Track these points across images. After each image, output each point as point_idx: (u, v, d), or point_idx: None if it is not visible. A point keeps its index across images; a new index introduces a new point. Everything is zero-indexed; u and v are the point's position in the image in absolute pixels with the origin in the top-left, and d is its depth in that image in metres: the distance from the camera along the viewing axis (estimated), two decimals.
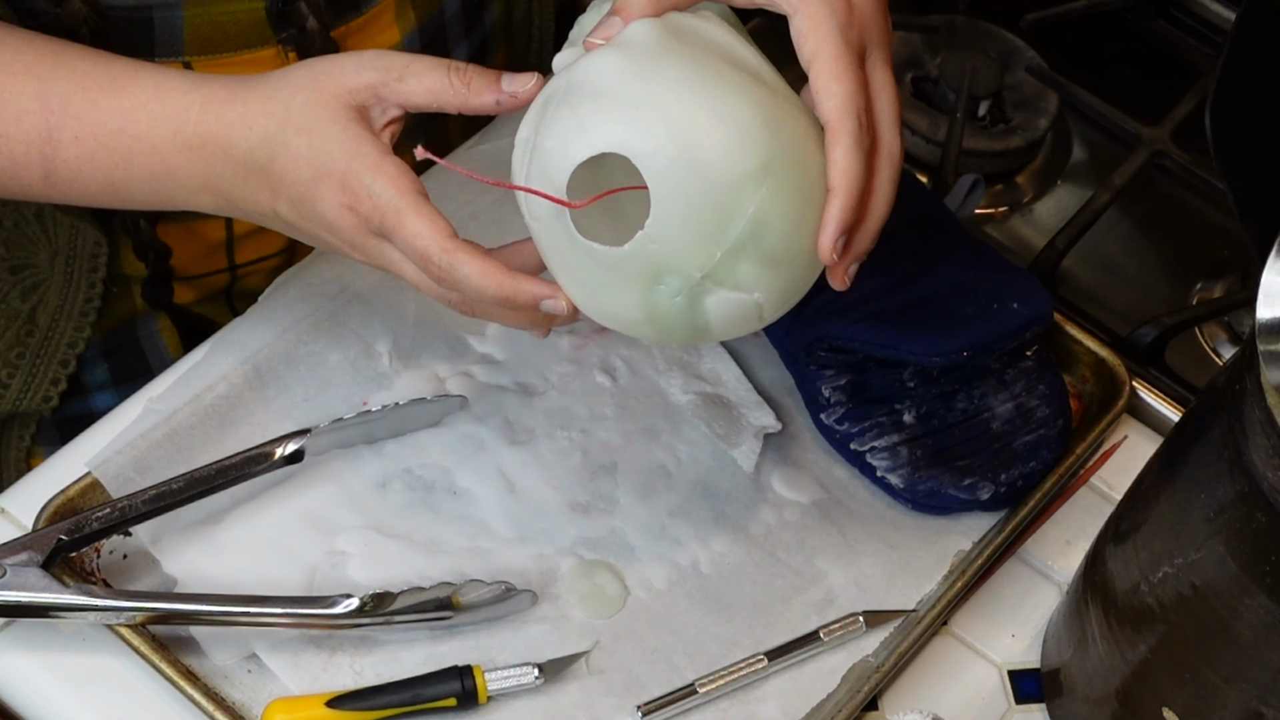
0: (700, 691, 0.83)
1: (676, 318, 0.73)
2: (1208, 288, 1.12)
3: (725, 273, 0.71)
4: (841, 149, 0.72)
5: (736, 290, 0.72)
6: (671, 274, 0.71)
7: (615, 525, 0.89)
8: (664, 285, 0.72)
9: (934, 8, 1.21)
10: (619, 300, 0.73)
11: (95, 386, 0.99)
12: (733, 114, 0.71)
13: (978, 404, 0.93)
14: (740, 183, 0.70)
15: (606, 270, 0.72)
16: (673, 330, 0.74)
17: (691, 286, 0.71)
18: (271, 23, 0.86)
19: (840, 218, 0.72)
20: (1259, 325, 0.65)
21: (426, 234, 0.72)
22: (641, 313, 0.73)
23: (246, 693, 0.82)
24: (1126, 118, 1.14)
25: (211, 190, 0.79)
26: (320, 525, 0.87)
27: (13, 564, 0.80)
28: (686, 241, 0.70)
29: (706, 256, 0.71)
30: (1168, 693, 0.76)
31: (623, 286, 0.72)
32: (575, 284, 0.74)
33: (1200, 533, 0.71)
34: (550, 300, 0.73)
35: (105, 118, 0.78)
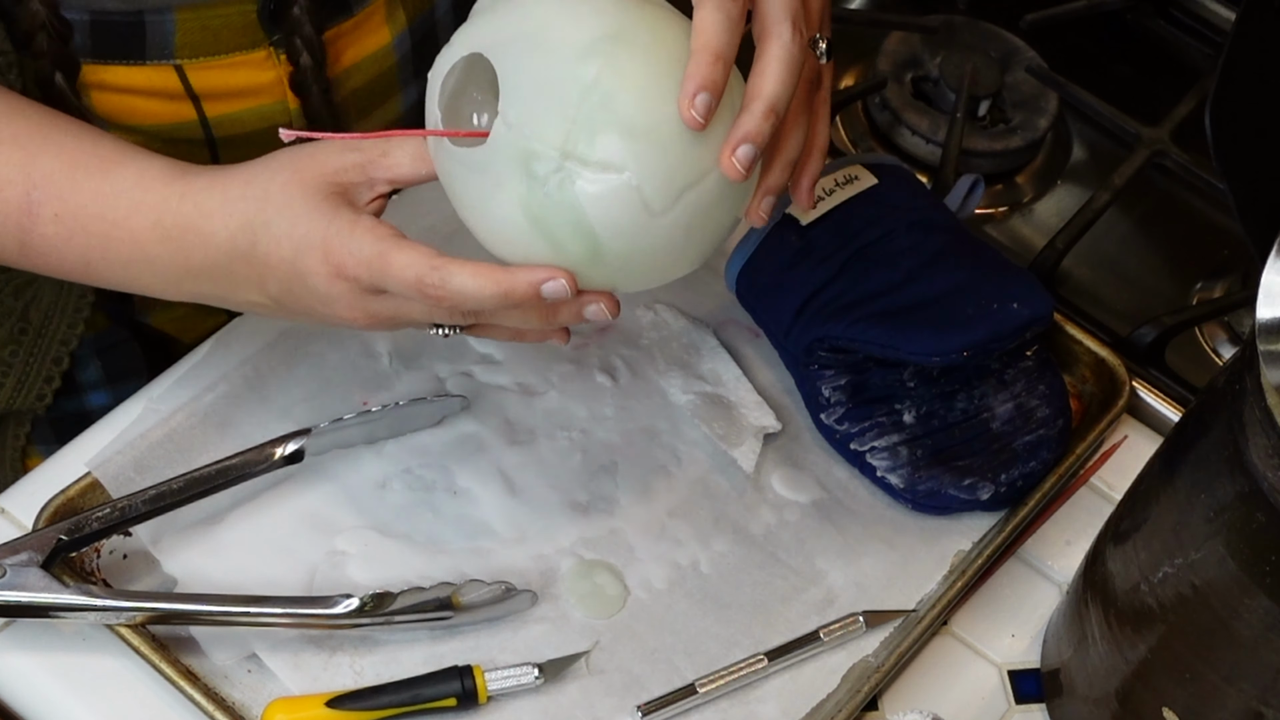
0: (700, 691, 0.83)
1: (554, 211, 0.69)
2: (1208, 288, 1.12)
3: (585, 146, 0.68)
4: (703, 10, 0.69)
5: (605, 171, 0.69)
6: (536, 159, 0.69)
7: (615, 525, 0.89)
8: (533, 177, 0.69)
9: (934, 8, 1.21)
10: (503, 210, 0.70)
11: (89, 385, 0.99)
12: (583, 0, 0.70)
13: (978, 404, 0.93)
14: (584, 50, 0.69)
15: (483, 176, 0.70)
16: (558, 232, 0.70)
17: (558, 169, 0.69)
18: (263, 25, 0.86)
19: (695, 74, 0.68)
20: (1259, 325, 0.65)
21: (413, 261, 0.72)
22: (523, 215, 0.70)
23: (246, 693, 0.82)
24: (1126, 118, 1.14)
25: (193, 279, 0.78)
26: (320, 525, 0.87)
27: (13, 564, 0.80)
28: (542, 120, 0.69)
29: (561, 132, 0.68)
30: (1168, 693, 0.76)
31: (501, 190, 0.70)
32: (471, 213, 0.72)
33: (1200, 533, 0.71)
34: (550, 281, 0.71)
35: (86, 200, 0.77)
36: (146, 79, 0.86)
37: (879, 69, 1.16)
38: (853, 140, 1.16)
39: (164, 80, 0.86)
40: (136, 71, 0.85)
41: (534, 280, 0.71)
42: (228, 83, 0.87)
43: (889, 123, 1.14)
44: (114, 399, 0.97)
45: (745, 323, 0.98)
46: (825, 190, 0.95)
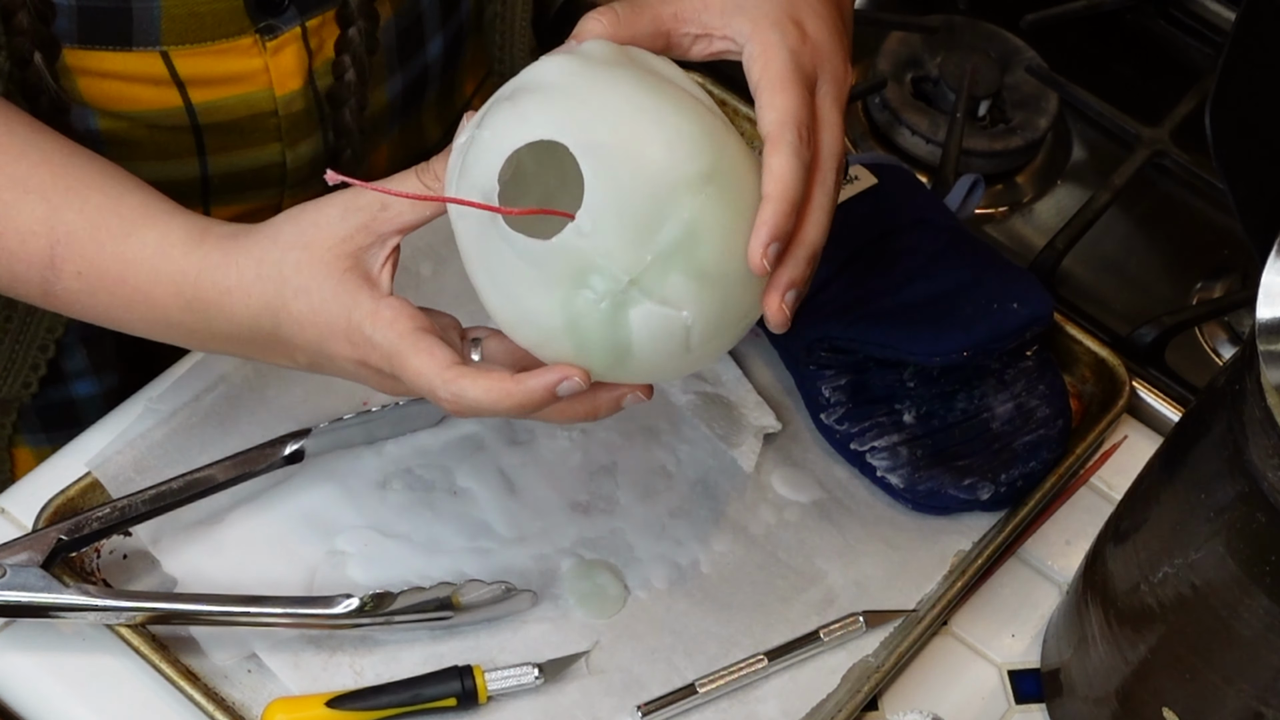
0: (700, 691, 0.83)
1: (597, 327, 0.69)
2: (1208, 288, 1.12)
3: (654, 280, 0.68)
4: (779, 157, 0.71)
5: (664, 304, 0.69)
6: (598, 275, 0.68)
7: (615, 525, 0.89)
8: (588, 289, 0.68)
9: (934, 8, 1.21)
10: (539, 304, 0.69)
11: (75, 373, 0.98)
12: (677, 122, 0.70)
13: (978, 404, 0.93)
14: (679, 186, 0.68)
15: (530, 266, 0.68)
16: (591, 343, 0.69)
17: (617, 292, 0.68)
18: (249, 12, 0.86)
19: (773, 222, 0.69)
20: (1259, 325, 0.65)
21: (426, 370, 0.71)
22: (561, 318, 0.69)
23: (246, 693, 0.82)
24: (1126, 118, 1.14)
25: (221, 343, 0.78)
26: (320, 525, 0.87)
27: (13, 564, 0.80)
28: (617, 240, 0.67)
29: (636, 259, 0.68)
30: (1168, 693, 0.76)
31: (545, 287, 0.69)
32: (496, 289, 0.71)
33: (1200, 533, 0.71)
34: (566, 381, 0.71)
35: (108, 264, 0.77)
36: (133, 65, 0.86)
37: (879, 69, 1.16)
38: (853, 140, 1.16)
39: (150, 66, 0.86)
40: (123, 57, 0.85)
41: (548, 384, 0.71)
42: (214, 70, 0.87)
43: (889, 123, 1.14)
44: (100, 387, 0.98)
45: None
46: None
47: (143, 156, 0.88)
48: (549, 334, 0.70)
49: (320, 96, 0.92)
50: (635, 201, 0.68)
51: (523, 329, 0.71)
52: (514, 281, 0.70)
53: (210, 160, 0.91)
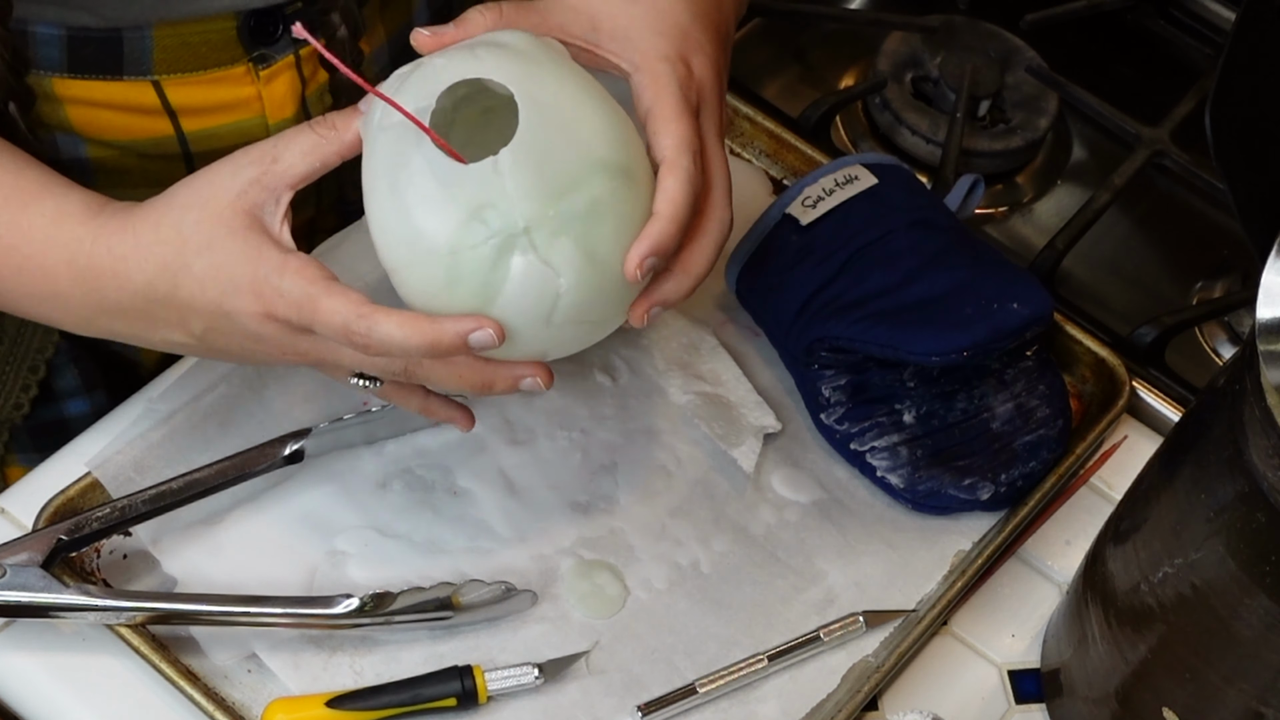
0: (700, 691, 0.83)
1: (476, 261, 0.71)
2: (1208, 288, 1.12)
3: (546, 238, 0.71)
4: (674, 179, 0.74)
5: (546, 264, 0.71)
6: (496, 212, 0.70)
7: (615, 525, 0.89)
8: (483, 223, 0.70)
9: (934, 8, 1.21)
10: (429, 223, 0.71)
11: (67, 393, 0.98)
12: (611, 114, 0.74)
13: (978, 404, 0.93)
14: (597, 166, 0.72)
15: (437, 185, 0.70)
16: (463, 275, 0.71)
17: (509, 235, 0.70)
18: (243, 41, 0.86)
19: (656, 238, 0.72)
20: (1259, 325, 0.65)
21: (341, 308, 0.71)
22: (445, 240, 0.70)
23: (246, 693, 0.82)
24: (1126, 118, 1.14)
25: (108, 318, 0.77)
26: (320, 525, 0.87)
27: (13, 564, 0.80)
28: (528, 188, 0.70)
29: (538, 211, 0.70)
30: (1168, 693, 0.76)
31: (442, 208, 0.71)
32: (390, 201, 0.72)
33: (1200, 533, 0.71)
34: (478, 331, 0.71)
35: (2, 232, 0.77)
36: (124, 94, 0.85)
37: (879, 69, 1.16)
38: (853, 140, 1.16)
39: (141, 96, 0.86)
40: (113, 86, 0.85)
41: (463, 330, 0.71)
42: (206, 98, 0.87)
43: (889, 123, 1.14)
44: (91, 406, 0.97)
45: (745, 323, 0.98)
46: (825, 190, 0.95)
47: (132, 184, 0.87)
48: (425, 255, 0.71)
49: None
50: (555, 161, 0.71)
51: (399, 247, 0.72)
52: (414, 197, 0.71)
53: None
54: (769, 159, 1.07)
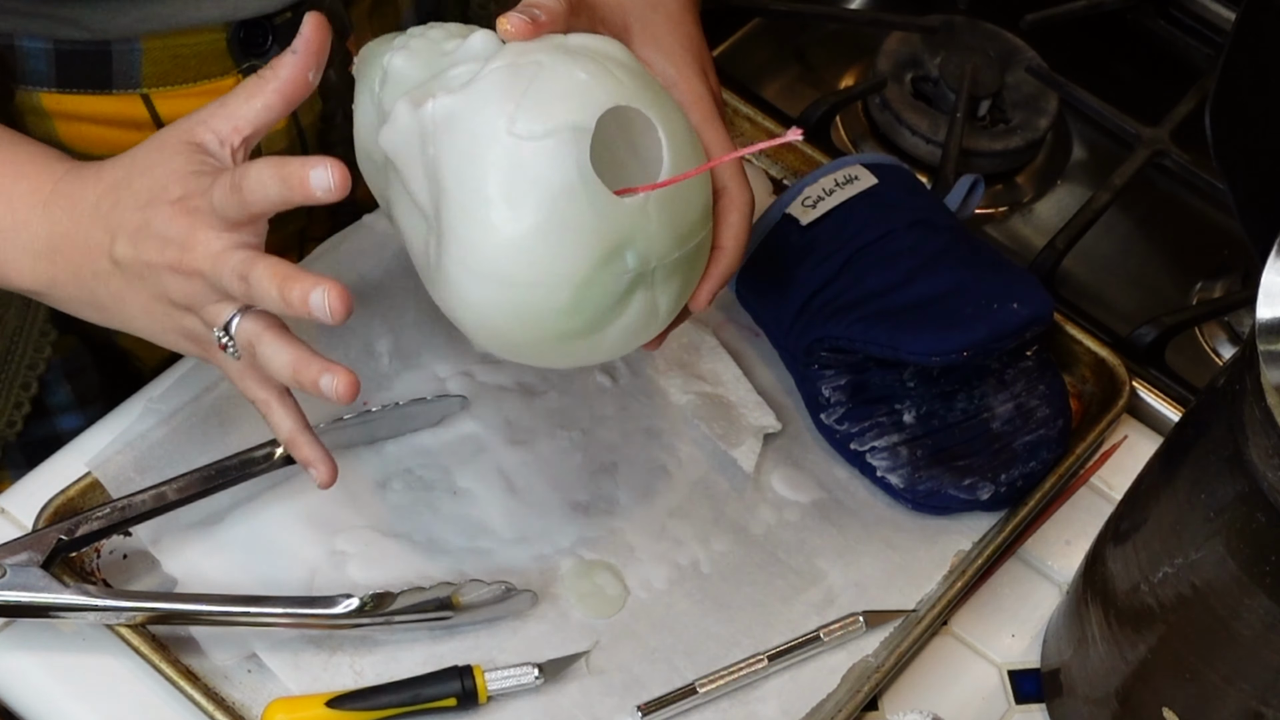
0: (700, 691, 0.83)
1: (606, 296, 0.71)
2: (1208, 288, 1.12)
3: (662, 278, 0.72)
4: (738, 214, 0.78)
5: (655, 304, 0.73)
6: (635, 250, 0.70)
7: (615, 525, 0.89)
8: (623, 259, 0.70)
9: (934, 8, 1.21)
10: (573, 252, 0.69)
11: (59, 409, 0.97)
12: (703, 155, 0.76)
13: (978, 404, 0.93)
14: (707, 209, 0.74)
15: (590, 213, 0.69)
16: (585, 307, 0.70)
17: (640, 274, 0.71)
18: (232, 52, 0.86)
19: (724, 275, 0.77)
20: (1259, 325, 0.65)
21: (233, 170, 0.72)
22: (583, 272, 0.69)
23: (246, 693, 0.82)
24: (1126, 118, 1.14)
25: (50, 256, 0.77)
26: (320, 525, 0.87)
27: (13, 564, 0.80)
28: (667, 229, 0.71)
29: (667, 252, 0.71)
30: (1168, 693, 0.76)
31: (588, 239, 0.69)
32: (526, 216, 0.69)
33: (1200, 533, 0.71)
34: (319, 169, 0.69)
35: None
36: (113, 108, 0.85)
37: (879, 69, 1.16)
38: (853, 140, 1.16)
39: (130, 109, 0.85)
40: (102, 100, 0.85)
41: (310, 162, 0.70)
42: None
43: (889, 123, 1.14)
44: (85, 422, 0.96)
45: (745, 323, 0.98)
46: (825, 190, 0.95)
47: None
48: (555, 279, 0.70)
49: (304, 133, 0.92)
50: (686, 205, 0.72)
51: (523, 263, 0.70)
52: (558, 220, 0.69)
53: None
54: (769, 159, 1.07)
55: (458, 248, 0.70)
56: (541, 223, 0.69)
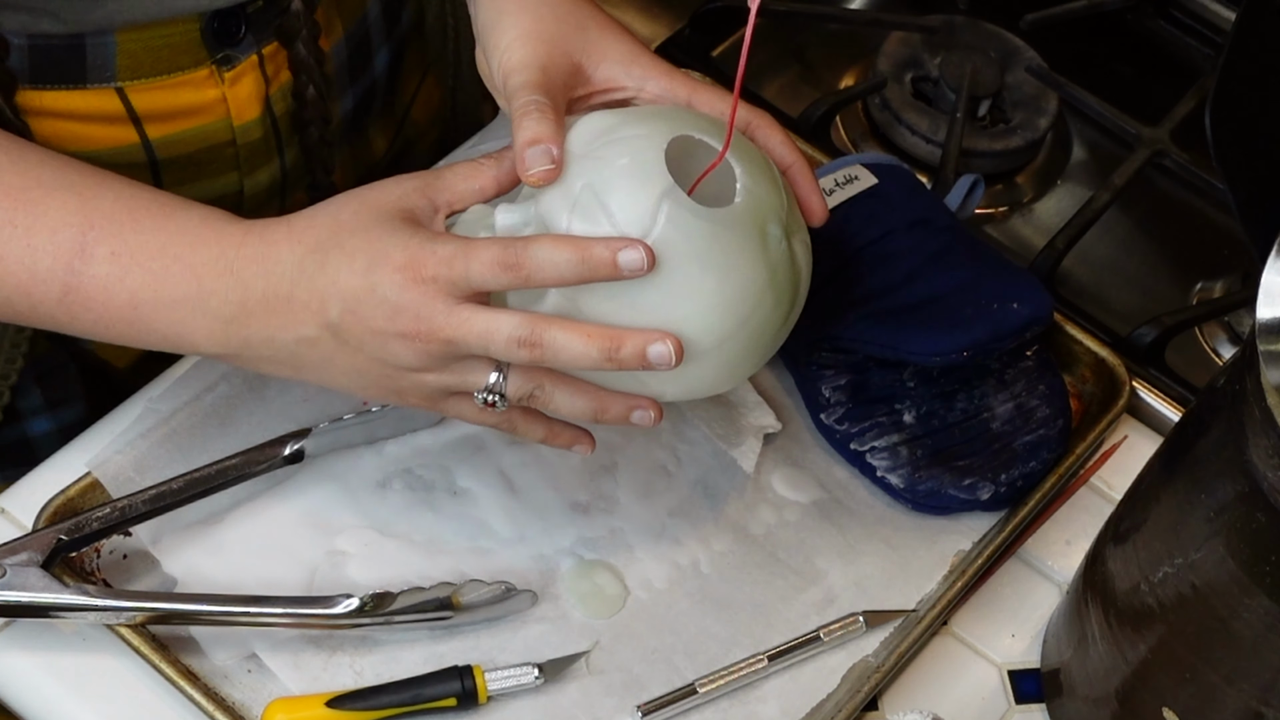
0: (700, 691, 0.83)
1: (785, 265, 0.76)
2: (1208, 288, 1.12)
3: (790, 221, 0.78)
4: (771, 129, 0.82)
5: (796, 237, 0.78)
6: (771, 221, 0.76)
7: (615, 525, 0.89)
8: (770, 232, 0.75)
9: (934, 8, 1.21)
10: (745, 261, 0.74)
11: (29, 411, 0.97)
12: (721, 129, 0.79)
13: (978, 404, 0.93)
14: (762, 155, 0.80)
15: (728, 230, 0.74)
16: (785, 283, 0.76)
17: (784, 229, 0.76)
18: (206, 43, 0.86)
19: (813, 179, 0.82)
20: (1259, 325, 0.65)
21: (498, 241, 0.72)
22: (764, 267, 0.75)
23: (246, 693, 0.82)
24: (1126, 118, 1.14)
25: (246, 317, 0.76)
26: (320, 525, 0.87)
27: (13, 564, 0.80)
28: (766, 189, 0.76)
29: (780, 202, 0.77)
30: (1168, 693, 0.76)
31: (742, 245, 0.74)
32: (707, 273, 0.74)
33: (1200, 533, 0.71)
34: (627, 251, 0.72)
35: (147, 238, 0.77)
36: (87, 103, 0.85)
37: (879, 69, 1.16)
38: (853, 140, 1.16)
39: (105, 103, 0.85)
40: (77, 95, 0.84)
41: (614, 245, 0.72)
42: (170, 103, 0.86)
43: (889, 123, 1.14)
44: (56, 424, 0.96)
45: None
46: (825, 190, 0.95)
47: None
48: (757, 290, 0.75)
49: (277, 123, 0.92)
50: (756, 160, 0.78)
51: (732, 299, 0.75)
52: (714, 254, 0.74)
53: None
54: None
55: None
56: (715, 276, 0.74)
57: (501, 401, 0.76)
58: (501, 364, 0.76)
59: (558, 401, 0.77)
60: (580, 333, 0.73)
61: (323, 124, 0.94)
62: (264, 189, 0.94)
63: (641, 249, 0.72)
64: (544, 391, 0.76)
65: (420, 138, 1.10)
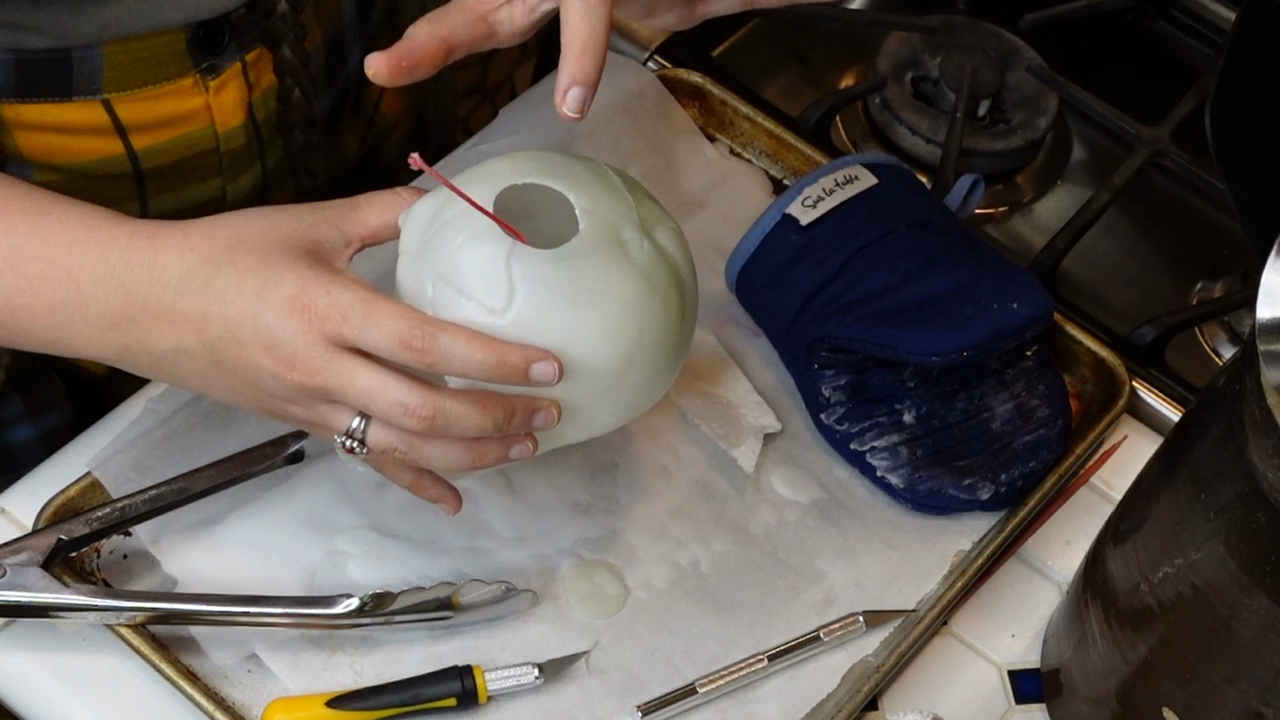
0: (700, 691, 0.83)
1: (657, 264, 0.75)
2: (1208, 288, 1.12)
3: (646, 214, 0.76)
4: (577, 12, 0.73)
5: (658, 229, 0.76)
6: (623, 228, 0.74)
7: (615, 525, 0.89)
8: (626, 240, 0.74)
9: (934, 8, 1.20)
10: (616, 282, 0.73)
11: (10, 420, 0.96)
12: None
13: (978, 404, 0.93)
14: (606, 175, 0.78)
15: (585, 260, 0.73)
16: (665, 283, 0.75)
17: (640, 230, 0.75)
18: (191, 53, 0.86)
19: (571, 71, 0.73)
20: (1259, 325, 0.65)
21: (399, 313, 0.70)
22: (637, 278, 0.74)
23: (246, 693, 0.82)
24: (1126, 118, 1.14)
25: (125, 325, 0.74)
26: (320, 525, 0.87)
27: (13, 564, 0.80)
28: (607, 201, 0.75)
29: (626, 203, 0.75)
30: (1168, 693, 0.76)
31: (604, 268, 0.73)
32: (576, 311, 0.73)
33: (1200, 533, 0.71)
34: (544, 362, 0.71)
35: (21, 241, 0.74)
36: (73, 115, 0.84)
37: (879, 69, 1.16)
38: (853, 140, 1.16)
39: (91, 116, 0.85)
40: (63, 109, 0.84)
41: (527, 355, 0.71)
42: (156, 113, 0.86)
43: (889, 123, 1.14)
44: (37, 431, 0.96)
45: (745, 323, 0.98)
46: (825, 190, 0.95)
47: None
48: (639, 300, 0.74)
49: (260, 128, 0.92)
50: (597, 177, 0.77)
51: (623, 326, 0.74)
52: (588, 289, 0.73)
53: (151, 203, 0.90)
54: (769, 159, 1.07)
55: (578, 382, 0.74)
56: (591, 314, 0.73)
57: (361, 448, 0.74)
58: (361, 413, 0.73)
59: (428, 456, 0.74)
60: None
61: (308, 127, 0.94)
62: (246, 194, 0.94)
63: (555, 364, 0.71)
64: (410, 448, 0.74)
65: (389, 133, 1.10)
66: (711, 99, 1.07)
